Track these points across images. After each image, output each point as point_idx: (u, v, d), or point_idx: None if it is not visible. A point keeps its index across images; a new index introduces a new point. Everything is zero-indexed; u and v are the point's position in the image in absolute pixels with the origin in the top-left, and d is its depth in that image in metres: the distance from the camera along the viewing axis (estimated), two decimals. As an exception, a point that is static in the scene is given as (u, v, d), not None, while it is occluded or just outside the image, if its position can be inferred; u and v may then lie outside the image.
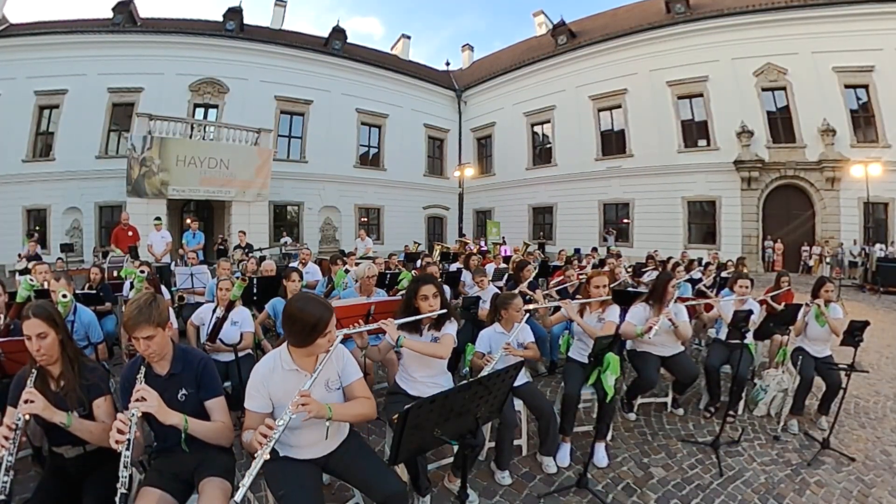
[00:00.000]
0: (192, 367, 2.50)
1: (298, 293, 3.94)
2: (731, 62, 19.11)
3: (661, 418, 4.90)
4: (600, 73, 22.15)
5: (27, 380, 2.27)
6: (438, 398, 2.06)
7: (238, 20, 22.28)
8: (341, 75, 23.60)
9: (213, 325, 4.67)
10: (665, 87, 20.55)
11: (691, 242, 20.04)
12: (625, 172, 21.65)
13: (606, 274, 4.65)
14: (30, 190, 19.31)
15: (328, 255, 12.59)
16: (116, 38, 20.11)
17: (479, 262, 9.15)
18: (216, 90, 21.30)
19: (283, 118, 22.67)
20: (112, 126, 20.03)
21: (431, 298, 3.34)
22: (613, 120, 22.30)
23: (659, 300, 4.58)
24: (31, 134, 19.51)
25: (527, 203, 25.08)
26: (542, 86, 24.17)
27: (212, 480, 2.38)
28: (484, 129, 27.24)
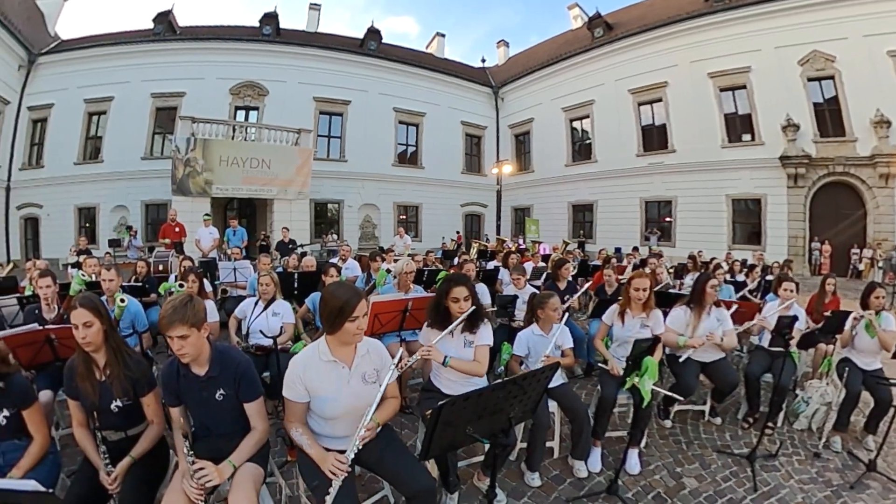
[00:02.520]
0: (230, 369, 2.56)
1: (334, 282, 4.04)
2: (774, 51, 17.93)
3: (697, 427, 4.70)
4: (639, 65, 21.34)
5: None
6: (472, 396, 2.06)
7: (274, 25, 22.80)
8: (378, 75, 23.73)
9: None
10: (706, 79, 19.57)
11: (735, 243, 19.06)
12: (667, 169, 20.84)
13: (648, 275, 4.46)
14: (80, 190, 20.63)
15: (367, 251, 12.74)
16: (158, 46, 21.22)
17: (517, 260, 8.88)
18: (256, 93, 21.91)
19: (323, 118, 23.06)
20: (156, 129, 21.02)
21: (462, 301, 3.24)
22: (654, 114, 21.44)
23: (698, 302, 4.44)
24: (82, 138, 20.88)
25: (566, 200, 24.45)
26: (580, 80, 23.51)
27: (245, 466, 2.46)
28: (522, 125, 26.79)
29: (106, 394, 2.60)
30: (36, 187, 20.83)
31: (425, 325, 3.45)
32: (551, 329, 3.99)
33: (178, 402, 2.60)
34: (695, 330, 4.41)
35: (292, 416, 2.50)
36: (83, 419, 2.66)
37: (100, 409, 2.58)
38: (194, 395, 2.56)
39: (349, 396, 2.50)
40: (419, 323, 4.38)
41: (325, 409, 2.49)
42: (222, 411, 2.58)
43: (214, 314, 5.17)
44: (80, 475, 2.60)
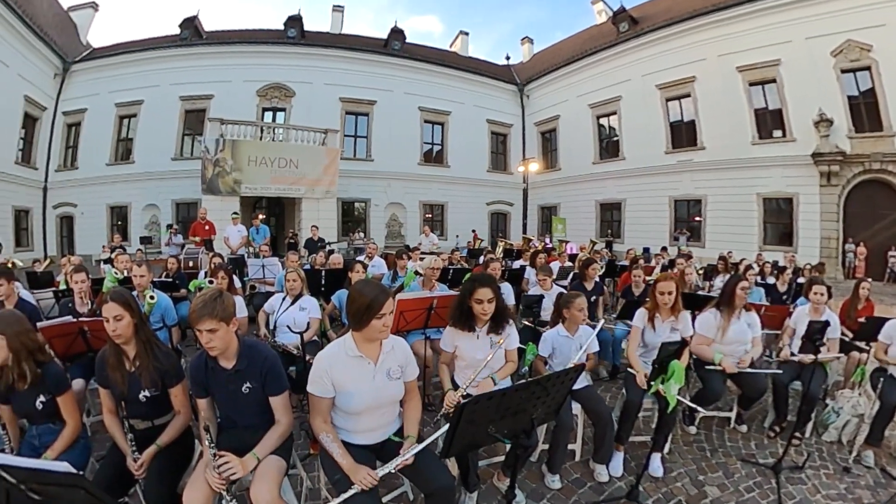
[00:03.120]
0: (257, 363, 2.61)
1: (362, 279, 4.08)
2: (805, 42, 16.93)
3: (722, 434, 4.54)
4: (666, 60, 20.72)
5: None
6: (496, 395, 2.04)
7: (298, 27, 23.13)
8: (403, 75, 23.79)
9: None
10: (735, 73, 18.74)
11: (766, 244, 18.19)
12: (696, 166, 20.09)
13: (675, 278, 4.24)
14: (113, 189, 21.54)
15: (393, 250, 12.83)
16: (185, 51, 21.97)
17: (544, 259, 8.79)
18: (283, 94, 22.26)
19: (349, 118, 23.25)
20: (186, 131, 21.73)
21: (486, 303, 3.18)
22: (683, 110, 20.74)
23: (728, 306, 4.30)
24: (114, 140, 21.75)
25: (594, 199, 23.93)
26: (607, 76, 22.99)
27: (269, 458, 2.50)
28: (548, 122, 26.35)
29: (135, 384, 2.70)
30: (71, 187, 21.73)
31: (449, 326, 3.41)
32: (577, 330, 3.96)
33: (205, 393, 2.68)
34: (724, 334, 4.27)
35: (317, 413, 2.53)
36: (113, 407, 2.77)
37: (128, 398, 2.69)
38: (221, 387, 2.62)
39: (374, 392, 2.54)
40: (444, 321, 4.38)
41: (351, 405, 2.52)
42: (248, 404, 2.64)
43: (243, 309, 5.25)
44: (108, 460, 2.74)
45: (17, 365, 2.62)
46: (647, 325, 4.13)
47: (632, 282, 6.77)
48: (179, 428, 2.79)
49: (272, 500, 2.31)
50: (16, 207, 19.91)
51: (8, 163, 19.29)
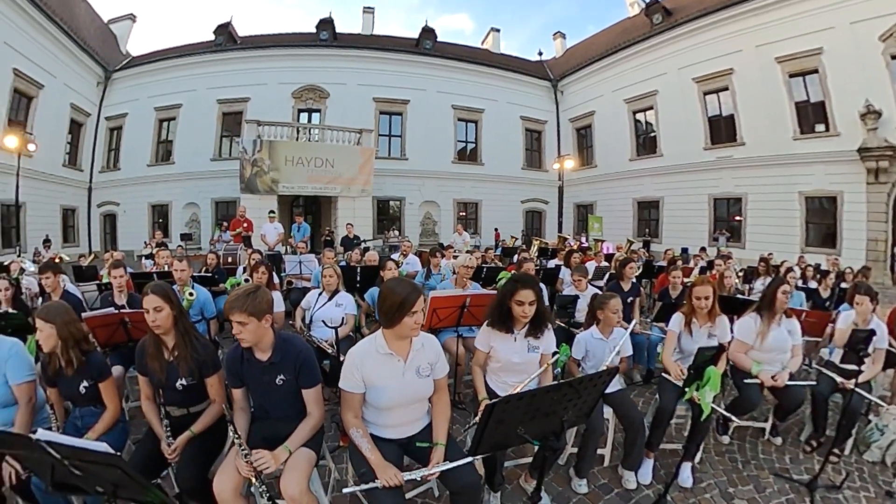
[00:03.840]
0: (291, 356, 2.66)
1: (394, 277, 4.10)
2: (849, 27, 15.43)
3: (755, 445, 4.29)
4: (702, 52, 19.74)
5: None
6: (526, 396, 2.02)
7: (330, 30, 23.45)
8: (435, 73, 23.78)
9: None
10: (774, 64, 17.44)
11: (809, 245, 16.90)
12: (736, 163, 18.96)
13: (712, 282, 4.07)
14: (154, 189, 22.52)
15: (427, 247, 12.87)
16: (221, 56, 22.65)
17: (579, 259, 8.61)
18: (317, 96, 22.60)
19: (383, 118, 23.40)
20: (224, 132, 22.37)
21: (527, 306, 3.06)
22: (721, 104, 19.68)
23: (769, 310, 4.07)
24: (154, 143, 22.77)
25: (631, 197, 23.07)
26: (642, 70, 22.11)
27: (300, 451, 2.56)
28: (583, 118, 25.54)
29: (172, 373, 2.82)
30: (113, 187, 22.97)
31: (485, 325, 3.30)
32: (611, 333, 3.87)
33: (240, 384, 2.75)
34: (763, 340, 4.04)
35: (348, 408, 2.56)
36: (150, 394, 2.92)
37: (166, 386, 2.83)
38: (256, 378, 2.69)
39: (403, 389, 2.57)
40: (476, 320, 4.42)
41: (380, 400, 2.55)
42: (281, 395, 2.70)
43: (280, 304, 5.40)
44: (144, 443, 2.90)
45: (65, 352, 2.79)
46: (683, 330, 4.00)
47: (669, 283, 6.58)
48: (214, 416, 2.88)
49: (301, 493, 2.37)
50: (63, 206, 21.23)
51: (56, 165, 20.58)
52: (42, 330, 2.76)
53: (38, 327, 2.77)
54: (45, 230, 18.06)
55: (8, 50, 16.93)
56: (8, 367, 2.84)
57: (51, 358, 2.85)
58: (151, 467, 2.77)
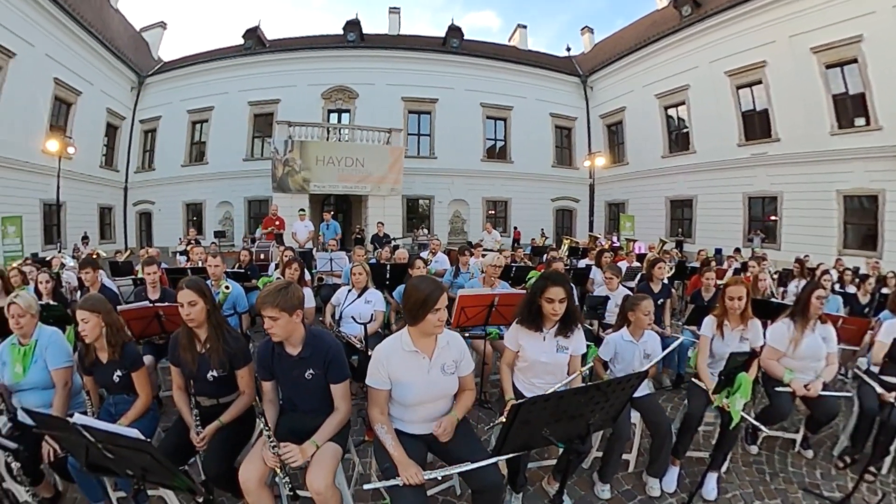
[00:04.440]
0: (321, 351, 2.71)
1: (419, 275, 4.12)
2: (891, 11, 14.33)
3: (785, 458, 4.06)
4: (734, 44, 18.81)
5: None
6: (553, 397, 2.01)
7: (357, 31, 23.71)
8: (463, 71, 23.69)
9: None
10: (809, 55, 16.34)
11: (847, 247, 15.93)
12: (771, 160, 17.98)
13: (745, 283, 3.93)
14: (188, 188, 23.34)
15: (456, 246, 12.88)
16: (251, 59, 23.25)
17: (610, 259, 8.37)
18: (346, 96, 22.83)
19: (412, 117, 23.49)
20: (255, 133, 22.93)
21: (557, 303, 3.01)
22: (755, 98, 18.69)
23: (803, 316, 3.87)
24: (188, 144, 23.59)
25: (663, 195, 22.28)
26: (672, 64, 21.37)
27: (326, 445, 2.61)
28: (613, 114, 24.85)
29: (203, 364, 2.91)
30: (148, 187, 23.90)
31: (514, 323, 3.25)
32: (642, 335, 3.76)
33: (270, 377, 2.81)
34: (796, 347, 3.83)
35: (374, 404, 2.60)
36: (182, 384, 3.00)
37: (197, 377, 2.92)
38: (286, 372, 2.74)
39: (428, 386, 2.60)
40: (505, 319, 4.34)
41: (406, 397, 2.58)
42: (310, 389, 2.75)
43: (311, 300, 5.54)
44: (174, 431, 3.00)
45: (108, 341, 2.98)
46: (715, 333, 3.87)
47: (702, 285, 6.34)
48: (243, 407, 2.96)
49: (327, 487, 2.42)
50: (100, 205, 22.34)
51: (93, 167, 21.58)
52: (87, 320, 2.89)
53: (83, 318, 2.89)
54: (83, 227, 18.92)
55: (49, 61, 17.96)
56: (48, 352, 3.10)
57: (87, 348, 3.01)
58: (180, 454, 2.86)
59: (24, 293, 3.35)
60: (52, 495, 3.21)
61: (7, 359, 3.12)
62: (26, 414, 2.46)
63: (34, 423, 2.36)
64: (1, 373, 3.13)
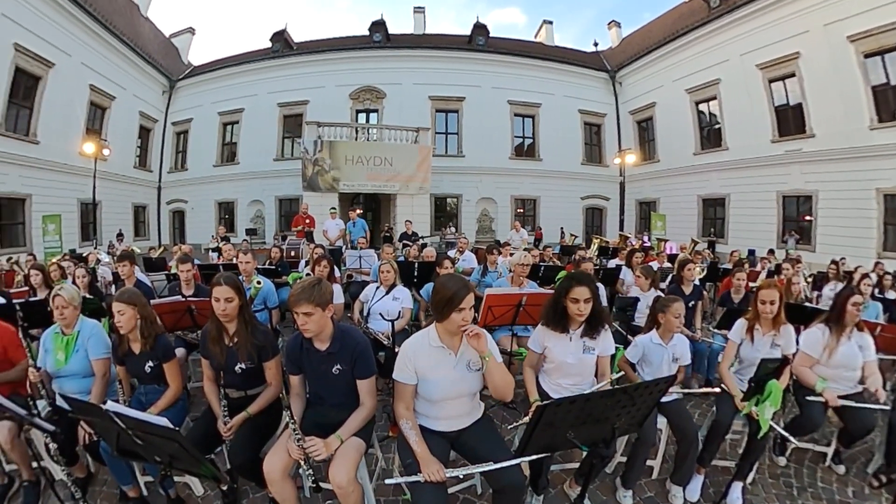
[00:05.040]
0: (349, 347, 2.76)
1: (447, 273, 4.13)
2: None
3: (814, 472, 3.83)
4: (765, 35, 17.82)
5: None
6: (579, 400, 1.97)
7: (383, 31, 23.90)
8: (489, 69, 23.54)
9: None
10: (846, 45, 15.33)
11: (887, 250, 14.95)
12: (806, 157, 17.00)
13: (779, 286, 3.72)
14: (220, 187, 24.10)
15: (484, 244, 12.85)
16: (279, 62, 23.67)
17: (641, 259, 8.16)
18: (374, 96, 22.99)
19: (439, 116, 23.48)
20: (285, 133, 23.35)
21: (583, 303, 2.98)
22: (788, 92, 17.69)
23: (838, 322, 3.68)
24: (219, 145, 24.34)
25: (696, 194, 21.51)
26: (702, 57, 20.60)
27: (350, 439, 2.66)
28: (643, 110, 24.13)
29: (232, 357, 3.01)
30: (181, 186, 24.78)
31: (540, 325, 3.23)
32: (671, 339, 3.66)
33: (298, 371, 2.87)
34: (831, 355, 3.65)
35: (400, 399, 2.63)
36: (212, 376, 3.12)
37: (226, 369, 3.02)
38: (314, 367, 2.80)
39: (453, 382, 2.62)
40: (532, 319, 4.34)
41: (431, 392, 2.61)
42: (337, 384, 2.80)
43: (340, 296, 5.56)
44: (202, 421, 3.15)
45: (141, 333, 3.10)
46: (745, 337, 3.72)
47: (732, 287, 6.04)
48: (269, 399, 3.05)
49: (349, 481, 2.47)
50: (135, 204, 23.35)
51: (128, 167, 22.65)
52: (123, 312, 3.02)
53: (119, 310, 3.02)
54: (118, 225, 19.85)
55: (85, 69, 18.97)
56: (90, 343, 3.29)
57: (121, 339, 3.15)
58: (207, 443, 2.98)
59: (68, 286, 3.50)
60: (84, 476, 3.39)
61: (50, 346, 3.31)
62: (63, 400, 2.69)
63: (70, 408, 2.48)
64: (44, 359, 3.32)
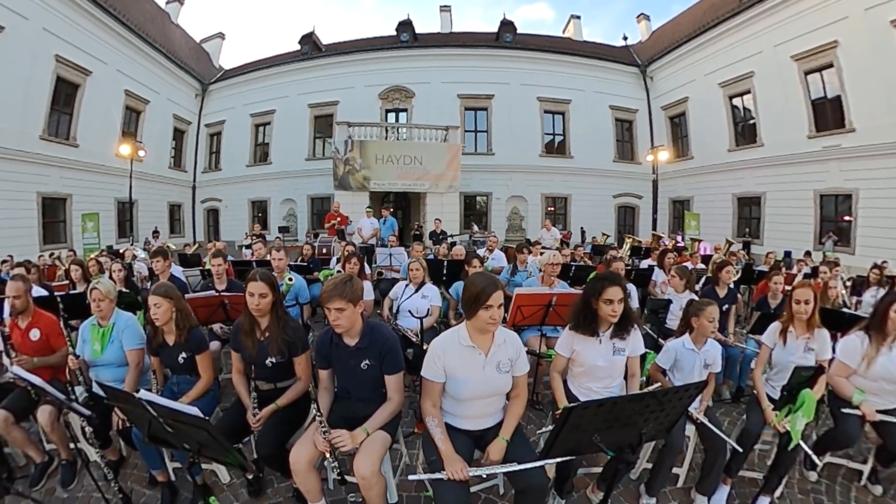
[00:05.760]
0: (378, 343, 2.80)
1: (478, 271, 4.15)
2: None
3: (848, 491, 3.54)
4: (799, 25, 16.72)
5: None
6: (607, 403, 1.93)
7: (410, 31, 24.00)
8: (517, 66, 23.29)
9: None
10: (889, 30, 14.18)
11: None
12: (845, 153, 15.78)
13: (815, 286, 3.56)
14: (253, 186, 24.70)
15: (514, 243, 12.78)
16: (308, 64, 24.14)
17: (674, 259, 7.89)
18: (403, 95, 23.11)
19: (468, 114, 23.38)
20: (316, 134, 23.72)
21: (616, 304, 2.90)
22: (825, 84, 16.51)
23: (879, 330, 3.38)
24: (252, 146, 25.03)
25: (730, 192, 20.53)
26: (734, 50, 19.63)
27: (376, 433, 2.71)
28: (675, 105, 23.26)
29: (263, 351, 3.08)
30: (215, 185, 25.63)
31: (567, 329, 3.14)
32: (704, 344, 3.51)
33: (327, 365, 2.93)
34: (870, 366, 3.35)
35: (427, 397, 2.63)
36: (242, 368, 3.24)
37: (256, 362, 3.09)
38: (343, 362, 2.86)
39: (482, 382, 2.60)
40: (562, 320, 4.27)
41: (459, 391, 2.60)
42: (365, 379, 2.85)
43: (370, 293, 5.66)
44: (232, 411, 3.24)
45: (176, 325, 3.23)
46: (778, 340, 3.56)
47: (769, 291, 5.82)
48: (298, 392, 3.12)
49: (373, 473, 2.50)
50: (170, 203, 24.33)
51: (163, 167, 23.66)
52: (160, 305, 3.16)
53: (155, 303, 3.16)
54: (154, 223, 20.98)
55: (120, 76, 20.02)
56: (125, 335, 3.46)
57: (156, 331, 3.29)
58: (235, 433, 3.07)
59: (105, 280, 3.73)
60: (117, 459, 3.64)
61: (87, 337, 3.50)
62: (99, 387, 2.98)
63: (105, 395, 2.68)
64: (81, 349, 3.53)
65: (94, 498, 3.25)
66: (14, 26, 14.64)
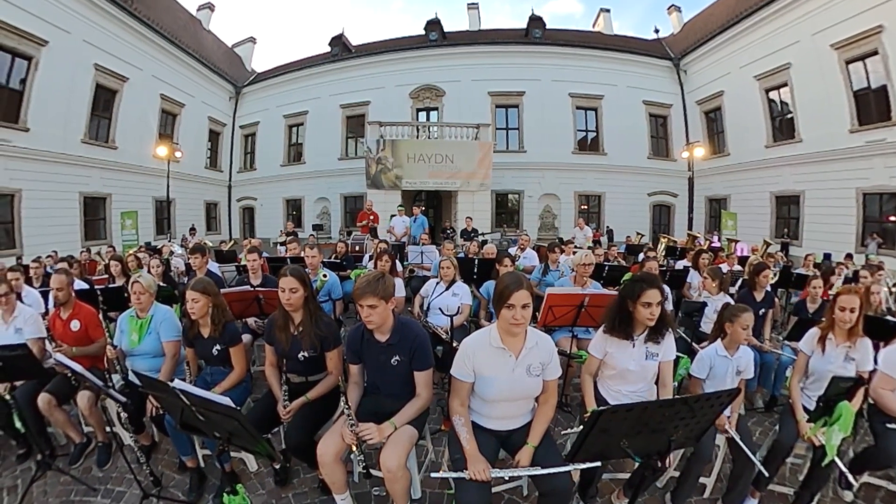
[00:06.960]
0: (408, 339, 2.82)
1: (510, 270, 4.13)
2: None
3: None
4: (838, 10, 15.56)
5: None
6: (637, 408, 1.90)
7: (438, 30, 24.00)
8: (548, 62, 22.97)
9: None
10: None
11: None
12: (891, 148, 14.59)
13: (860, 293, 3.30)
14: (287, 185, 25.31)
15: (546, 241, 12.68)
16: (339, 65, 24.48)
17: (710, 260, 7.55)
18: (433, 94, 23.16)
19: (499, 111, 23.20)
20: (348, 134, 24.07)
21: (655, 306, 2.79)
22: (869, 73, 15.24)
23: None
24: (285, 146, 25.67)
25: (768, 190, 19.41)
26: (769, 40, 18.53)
27: (404, 427, 2.73)
28: (710, 100, 22.32)
29: (296, 345, 3.16)
30: (251, 185, 26.45)
31: (601, 331, 3.04)
32: (737, 350, 3.37)
33: (358, 361, 2.96)
34: None
35: (456, 395, 2.63)
36: (275, 361, 3.30)
37: (289, 356, 3.19)
38: (373, 357, 2.89)
39: (511, 384, 2.56)
40: (594, 321, 4.21)
41: (487, 392, 2.58)
42: (394, 375, 2.87)
43: (401, 290, 5.74)
44: (262, 402, 3.32)
45: (212, 319, 3.34)
46: (816, 347, 3.34)
47: (807, 295, 5.53)
48: (329, 386, 3.18)
49: (399, 467, 2.52)
50: (206, 201, 25.24)
51: (200, 168, 24.56)
52: (197, 300, 3.28)
53: (193, 298, 3.28)
54: (191, 220, 21.75)
55: (156, 81, 20.89)
56: (162, 327, 3.63)
57: (192, 323, 3.41)
58: (265, 424, 3.15)
59: (146, 275, 3.86)
60: (149, 444, 3.86)
61: (125, 328, 3.69)
62: (135, 375, 3.16)
63: (141, 383, 2.83)
64: (119, 339, 3.74)
65: (126, 479, 3.45)
66: (57, 40, 15.38)
